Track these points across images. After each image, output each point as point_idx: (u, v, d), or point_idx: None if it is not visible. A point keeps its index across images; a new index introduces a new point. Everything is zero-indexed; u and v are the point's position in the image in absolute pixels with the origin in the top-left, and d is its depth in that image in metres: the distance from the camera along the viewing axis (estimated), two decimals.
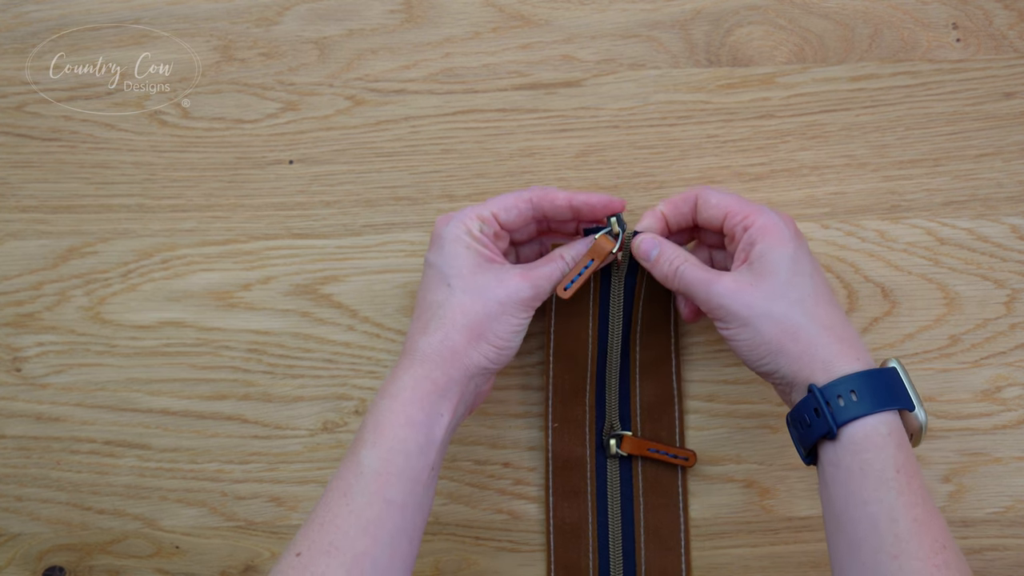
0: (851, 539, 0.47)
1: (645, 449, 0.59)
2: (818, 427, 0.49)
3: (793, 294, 0.50)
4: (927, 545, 0.45)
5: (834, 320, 0.50)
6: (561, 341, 0.58)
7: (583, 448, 0.59)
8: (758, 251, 0.51)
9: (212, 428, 0.61)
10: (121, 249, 0.62)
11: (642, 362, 0.59)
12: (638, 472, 0.60)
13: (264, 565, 0.61)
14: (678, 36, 0.62)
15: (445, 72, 0.62)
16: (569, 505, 0.59)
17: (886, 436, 0.47)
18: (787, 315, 0.50)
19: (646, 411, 0.60)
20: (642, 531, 0.59)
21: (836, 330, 0.50)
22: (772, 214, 0.52)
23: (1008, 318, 0.60)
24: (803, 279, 0.51)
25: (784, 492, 0.60)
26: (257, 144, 0.62)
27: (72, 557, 0.61)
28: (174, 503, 0.61)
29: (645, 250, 0.55)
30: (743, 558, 0.60)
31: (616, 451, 0.59)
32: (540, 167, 0.61)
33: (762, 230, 0.52)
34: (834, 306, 0.51)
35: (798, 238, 0.52)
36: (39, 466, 0.61)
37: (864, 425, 0.48)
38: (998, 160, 0.61)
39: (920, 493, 0.47)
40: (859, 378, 0.48)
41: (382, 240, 0.62)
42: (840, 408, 0.48)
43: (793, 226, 0.52)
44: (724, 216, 0.53)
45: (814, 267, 0.52)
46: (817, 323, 0.50)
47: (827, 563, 0.59)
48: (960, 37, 0.61)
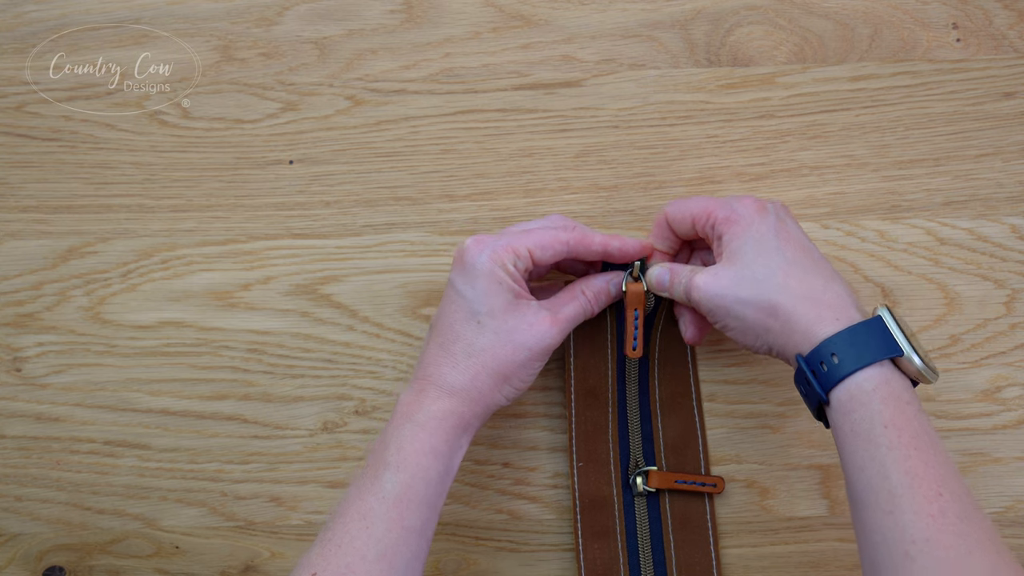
0: (854, 502, 0.47)
1: (672, 482, 0.58)
2: (812, 397, 0.49)
3: (760, 273, 0.51)
4: (921, 495, 0.44)
5: (811, 287, 0.50)
6: (582, 377, 0.58)
7: (609, 487, 0.59)
8: (725, 241, 0.52)
9: (212, 428, 0.61)
10: (121, 249, 0.62)
11: (662, 397, 0.59)
12: (666, 509, 0.59)
13: (264, 565, 0.61)
14: (678, 36, 0.62)
15: (445, 72, 0.62)
16: (599, 546, 0.58)
17: (870, 392, 0.47)
18: (758, 295, 0.50)
19: (670, 446, 0.59)
20: (674, 570, 0.58)
21: (814, 296, 0.50)
22: (731, 203, 0.53)
23: (1008, 318, 0.60)
24: (769, 256, 0.51)
25: (784, 492, 0.60)
26: (257, 144, 0.62)
27: (72, 557, 0.61)
28: (174, 503, 0.61)
29: (659, 280, 0.55)
30: (743, 558, 0.60)
31: (643, 488, 0.59)
32: (540, 167, 0.61)
33: (725, 222, 0.52)
34: (811, 272, 0.51)
35: (761, 218, 0.52)
36: (39, 466, 0.61)
37: (849, 385, 0.47)
38: (998, 160, 0.61)
39: (913, 443, 0.45)
40: (838, 338, 0.48)
41: (382, 240, 0.62)
42: (824, 373, 0.48)
43: (755, 207, 0.53)
44: (692, 223, 0.54)
45: (785, 240, 0.52)
46: (790, 295, 0.50)
47: (827, 563, 0.59)
48: (960, 37, 0.61)
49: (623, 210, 0.61)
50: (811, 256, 0.52)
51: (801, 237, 0.53)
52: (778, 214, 0.53)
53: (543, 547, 0.61)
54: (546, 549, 0.60)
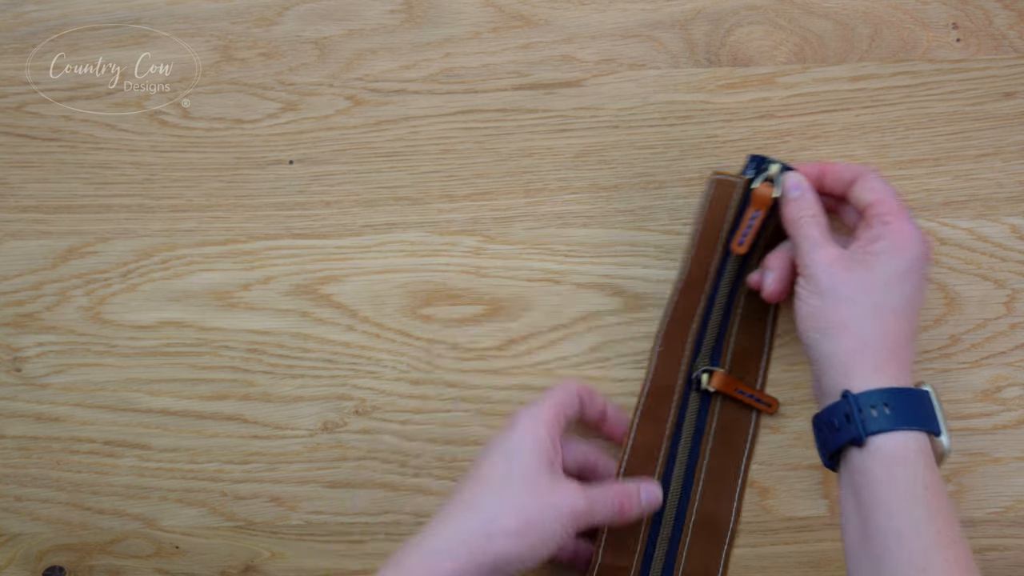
0: (875, 548, 0.48)
1: (733, 388, 0.59)
2: (847, 432, 0.50)
3: (878, 295, 0.51)
4: (951, 561, 0.46)
5: (898, 336, 0.51)
6: (693, 269, 0.59)
7: (676, 377, 0.60)
8: (878, 247, 0.52)
9: (212, 428, 0.61)
10: (121, 249, 0.62)
11: (745, 305, 0.60)
12: (715, 412, 0.60)
13: (264, 565, 0.61)
14: (678, 36, 0.62)
15: (445, 72, 0.62)
16: (650, 429, 0.59)
17: (916, 452, 0.49)
18: (858, 308, 0.51)
19: (737, 354, 0.60)
20: (703, 472, 0.59)
21: (892, 343, 0.51)
22: (913, 225, 0.53)
23: (1008, 318, 0.60)
24: (895, 289, 0.52)
25: (784, 492, 0.60)
26: (257, 144, 0.62)
27: (72, 557, 0.61)
28: (174, 503, 0.61)
29: (790, 185, 0.56)
30: (743, 558, 0.60)
31: (706, 386, 0.59)
32: (540, 167, 0.61)
33: (894, 232, 0.52)
34: (906, 325, 0.52)
35: (921, 258, 0.52)
36: (39, 466, 0.61)
37: (894, 438, 0.49)
38: (998, 160, 0.61)
39: (945, 514, 0.48)
40: (893, 393, 0.50)
41: (382, 240, 0.62)
42: (872, 418, 0.49)
43: (924, 247, 0.53)
44: (872, 203, 0.54)
45: (915, 289, 0.52)
46: (879, 330, 0.51)
47: (827, 563, 0.59)
48: (960, 37, 0.61)
49: (623, 210, 0.61)
50: (914, 313, 0.53)
51: (921, 296, 0.53)
52: (928, 259, 0.54)
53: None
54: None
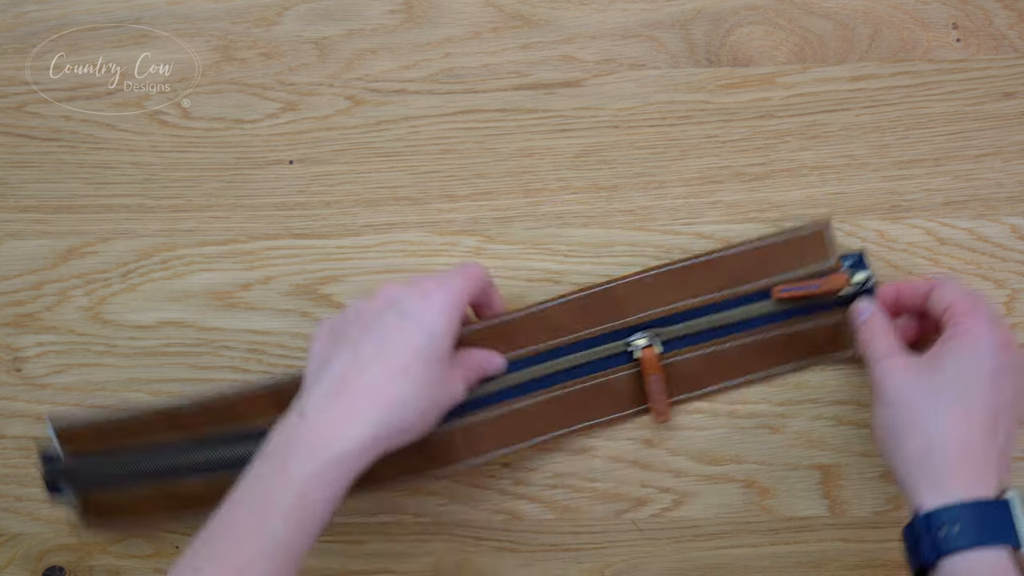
0: None
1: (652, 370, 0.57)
2: (916, 557, 0.48)
3: (944, 397, 0.49)
4: None
5: (970, 438, 0.49)
6: (728, 262, 0.58)
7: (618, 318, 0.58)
8: (947, 347, 0.51)
9: None
10: (121, 249, 0.62)
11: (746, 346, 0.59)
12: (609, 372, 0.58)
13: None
14: (678, 36, 0.62)
15: (445, 72, 0.62)
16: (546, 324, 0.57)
17: (993, 569, 0.46)
18: (923, 413, 0.49)
19: (694, 363, 0.59)
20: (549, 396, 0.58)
21: (963, 447, 0.48)
22: (985, 323, 0.51)
23: (1008, 318, 0.60)
24: (965, 386, 0.49)
25: (784, 492, 0.60)
26: (257, 144, 0.62)
27: (72, 557, 0.61)
28: None
29: (860, 309, 0.56)
30: (743, 558, 0.60)
31: (635, 350, 0.58)
32: (540, 167, 0.61)
33: (965, 332, 0.51)
34: (982, 426, 0.49)
35: (994, 354, 0.50)
36: (39, 466, 0.61)
37: (969, 558, 0.46)
38: (998, 160, 0.61)
39: None
40: (965, 508, 0.47)
41: (382, 240, 0.62)
42: (940, 539, 0.47)
43: (997, 343, 0.50)
44: (945, 308, 0.53)
45: (991, 387, 0.50)
46: (946, 433, 0.49)
47: (827, 563, 0.59)
48: (960, 37, 0.61)
49: (623, 210, 0.61)
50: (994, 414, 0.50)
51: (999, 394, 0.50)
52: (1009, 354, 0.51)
53: (543, 547, 0.61)
54: (546, 549, 0.60)
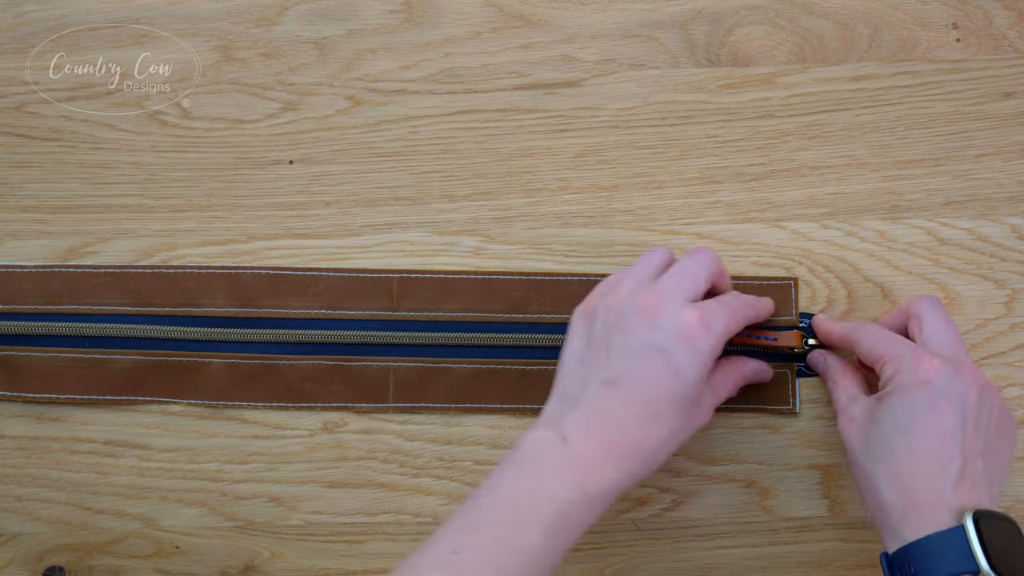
0: None
1: None
2: None
3: (882, 448, 0.50)
4: None
5: (917, 483, 0.48)
6: None
7: None
8: (882, 398, 0.51)
9: (212, 428, 0.61)
10: (121, 249, 0.62)
11: None
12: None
13: (264, 565, 0.60)
14: (678, 36, 0.62)
15: (445, 72, 0.62)
16: None
17: None
18: (868, 468, 0.50)
19: None
20: None
21: (912, 494, 0.48)
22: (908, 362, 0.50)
23: (1008, 318, 0.60)
24: (900, 436, 0.49)
25: (784, 492, 0.60)
26: (257, 144, 0.62)
27: (72, 557, 0.61)
28: (174, 503, 0.61)
29: (814, 361, 0.58)
30: (743, 558, 0.60)
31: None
32: (540, 167, 0.61)
33: (889, 379, 0.51)
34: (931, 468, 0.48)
35: (922, 389, 0.49)
36: (39, 466, 0.61)
37: None
38: (998, 160, 0.61)
39: None
40: (917, 548, 0.47)
41: (382, 240, 0.62)
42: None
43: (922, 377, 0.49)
44: (873, 361, 0.53)
45: (925, 425, 0.49)
46: (893, 485, 0.49)
47: (827, 563, 0.59)
48: (960, 37, 0.61)
49: (623, 210, 0.61)
50: (942, 445, 0.48)
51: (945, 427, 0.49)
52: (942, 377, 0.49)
53: None
54: None
